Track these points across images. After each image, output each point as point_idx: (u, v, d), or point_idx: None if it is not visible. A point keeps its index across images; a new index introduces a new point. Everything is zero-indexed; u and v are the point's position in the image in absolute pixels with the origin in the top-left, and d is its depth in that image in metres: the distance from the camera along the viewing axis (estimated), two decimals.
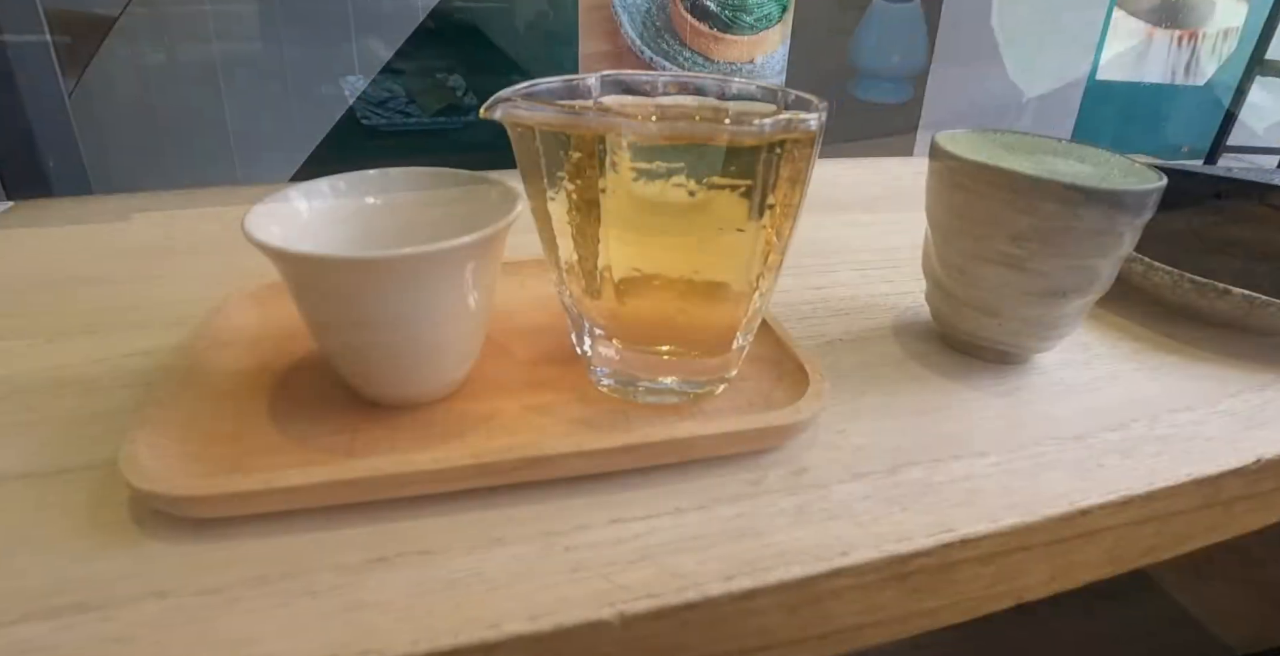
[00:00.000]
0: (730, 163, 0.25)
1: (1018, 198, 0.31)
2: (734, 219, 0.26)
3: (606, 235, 0.27)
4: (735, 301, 0.28)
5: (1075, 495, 0.29)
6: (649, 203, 0.26)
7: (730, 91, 0.32)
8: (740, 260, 0.27)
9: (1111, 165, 0.35)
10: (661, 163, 0.25)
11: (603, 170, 0.25)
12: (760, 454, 0.30)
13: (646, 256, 0.27)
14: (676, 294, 0.27)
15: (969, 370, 0.37)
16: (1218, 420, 0.35)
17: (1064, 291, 0.33)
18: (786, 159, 0.26)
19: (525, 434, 0.30)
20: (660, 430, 0.28)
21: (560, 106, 0.25)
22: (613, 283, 0.28)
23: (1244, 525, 0.35)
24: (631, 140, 0.25)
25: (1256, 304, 0.38)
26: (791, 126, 0.25)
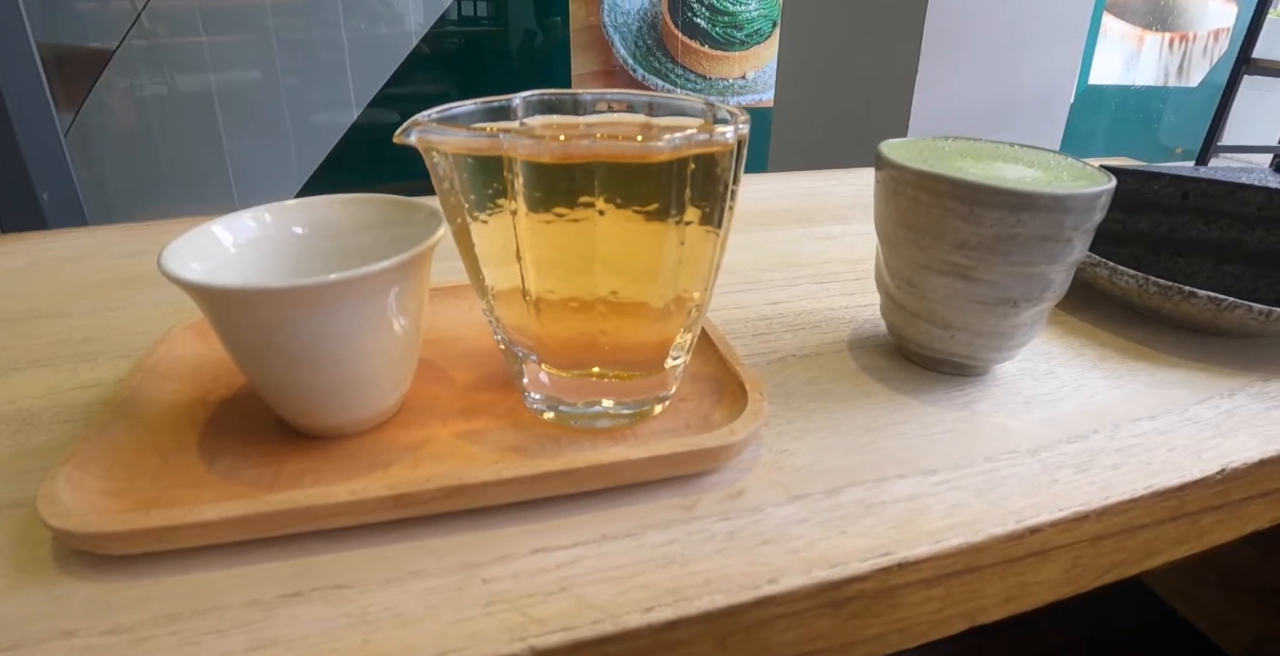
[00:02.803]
0: (637, 181, 0.24)
1: (960, 205, 0.31)
2: (645, 238, 0.25)
3: (522, 258, 0.26)
4: (660, 321, 0.27)
5: (1025, 513, 0.28)
6: (558, 224, 0.25)
7: (661, 107, 0.31)
8: (657, 279, 0.26)
9: (1061, 169, 0.34)
10: (565, 183, 0.24)
11: (511, 193, 0.25)
12: (697, 477, 0.29)
13: (562, 279, 0.26)
14: (596, 315, 0.27)
15: (925, 383, 0.35)
16: (1183, 429, 0.33)
17: (1014, 300, 0.32)
18: (701, 174, 0.25)
19: (453, 462, 0.29)
20: (586, 456, 0.27)
21: (467, 129, 0.25)
22: (533, 306, 0.27)
23: (1215, 537, 0.33)
24: (534, 161, 0.24)
25: (1223, 306, 0.37)
26: (702, 140, 0.25)
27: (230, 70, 1.52)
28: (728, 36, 1.96)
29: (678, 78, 1.99)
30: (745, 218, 0.58)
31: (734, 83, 2.01)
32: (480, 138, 0.25)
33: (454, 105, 0.29)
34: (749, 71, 2.04)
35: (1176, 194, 0.43)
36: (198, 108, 1.49)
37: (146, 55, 1.42)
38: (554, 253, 0.26)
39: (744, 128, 0.27)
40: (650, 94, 0.31)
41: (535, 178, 0.24)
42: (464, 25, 1.82)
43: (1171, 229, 0.43)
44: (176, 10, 1.43)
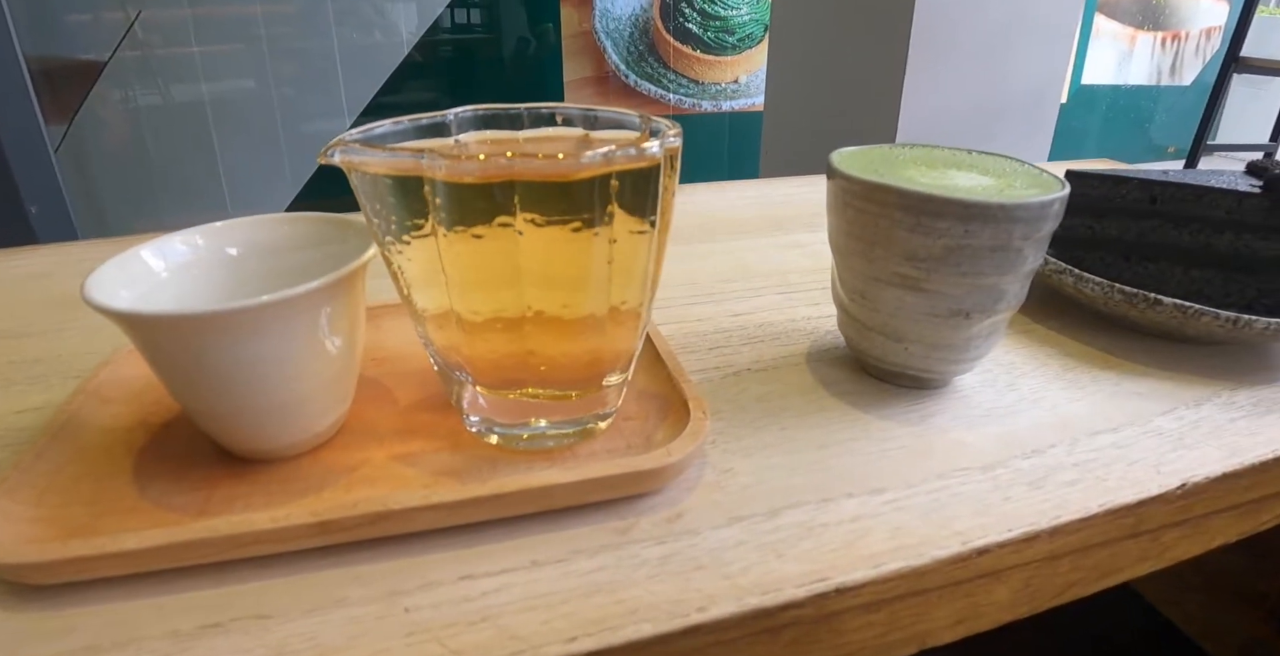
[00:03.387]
0: (557, 199, 0.24)
1: (907, 216, 0.30)
2: (569, 256, 0.25)
3: (447, 279, 0.25)
4: (592, 338, 0.27)
5: (972, 534, 0.27)
6: (479, 244, 0.24)
7: (600, 121, 0.30)
8: (584, 296, 0.26)
9: (1015, 176, 0.33)
10: (484, 203, 0.24)
11: (432, 214, 0.24)
12: (636, 498, 0.28)
13: (487, 299, 0.26)
14: (525, 335, 0.26)
15: (882, 397, 0.35)
16: (1145, 442, 0.32)
17: (967, 312, 0.31)
18: (627, 189, 0.25)
19: (385, 486, 0.28)
20: (516, 480, 0.26)
21: (386, 149, 0.24)
22: (461, 327, 0.26)
23: (1179, 553, 0.32)
24: (452, 182, 0.23)
25: (1189, 313, 0.36)
26: (623, 156, 0.24)
27: (223, 80, 1.52)
28: (720, 41, 1.96)
29: (670, 83, 1.98)
30: (714, 226, 0.57)
31: (726, 87, 2.01)
32: (400, 158, 0.24)
33: (385, 123, 0.28)
34: (741, 76, 2.03)
35: (1145, 198, 0.42)
36: (191, 118, 1.49)
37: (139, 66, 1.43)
38: (476, 273, 0.25)
39: (674, 141, 0.27)
40: (589, 108, 0.31)
41: (454, 198, 0.24)
42: (456, 33, 1.82)
43: (1141, 234, 0.43)
44: (168, 21, 1.44)
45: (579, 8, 1.87)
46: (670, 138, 0.27)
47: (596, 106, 0.31)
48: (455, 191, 0.24)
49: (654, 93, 1.99)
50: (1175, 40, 2.17)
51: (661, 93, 2.00)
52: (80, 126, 1.30)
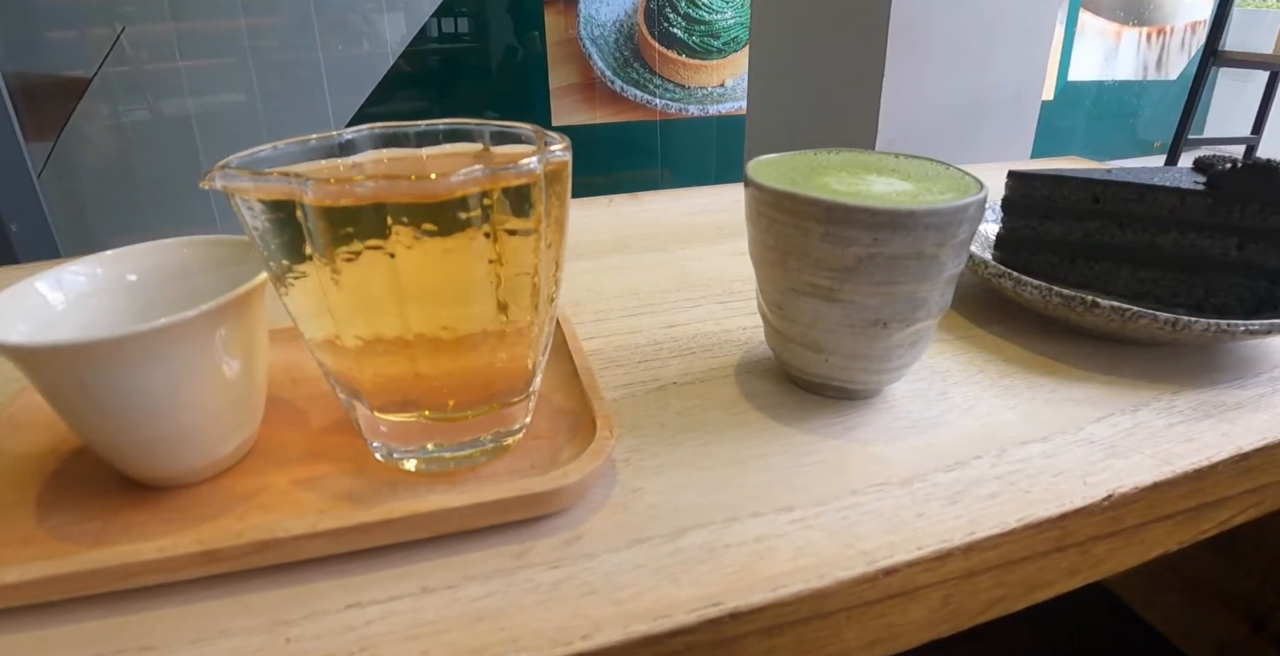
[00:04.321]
0: (429, 219, 0.23)
1: (816, 225, 0.29)
2: (447, 276, 0.24)
3: (329, 303, 0.25)
4: (480, 359, 0.26)
5: (879, 553, 0.26)
6: (355, 268, 0.24)
7: (500, 136, 0.30)
8: (465, 318, 0.25)
9: (935, 180, 0.32)
10: (356, 226, 0.23)
11: (308, 238, 0.24)
12: (538, 520, 0.28)
13: (368, 323, 0.25)
14: (409, 357, 0.25)
15: (807, 410, 0.34)
16: (1075, 451, 0.31)
17: (884, 321, 0.30)
18: (507, 205, 0.24)
19: (281, 512, 0.28)
20: (406, 505, 0.26)
21: (256, 174, 0.24)
22: (348, 351, 0.26)
23: (1114, 565, 0.31)
24: (322, 205, 0.23)
25: (1128, 316, 0.35)
26: (498, 173, 0.23)
27: (209, 95, 1.52)
28: (705, 45, 1.95)
29: (656, 88, 1.98)
30: (664, 235, 0.56)
31: (713, 91, 2.01)
32: (272, 183, 0.24)
33: (277, 145, 0.27)
34: (728, 79, 2.03)
35: (1087, 198, 0.41)
36: (177, 133, 1.50)
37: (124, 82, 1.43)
38: (356, 297, 0.24)
39: (560, 155, 0.26)
40: (491, 123, 0.30)
41: (326, 222, 0.23)
42: (441, 42, 1.82)
43: (1085, 235, 0.41)
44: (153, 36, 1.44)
45: (563, 15, 1.87)
46: (556, 152, 0.26)
47: (496, 121, 0.30)
48: (326, 215, 0.23)
49: (640, 98, 1.99)
50: (1160, 35, 2.16)
51: (648, 98, 1.99)
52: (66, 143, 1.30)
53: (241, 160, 0.26)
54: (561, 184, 0.27)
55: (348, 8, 1.65)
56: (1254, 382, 0.37)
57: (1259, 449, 0.32)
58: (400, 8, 1.71)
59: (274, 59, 1.56)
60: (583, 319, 0.42)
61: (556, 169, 0.26)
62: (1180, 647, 0.59)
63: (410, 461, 0.29)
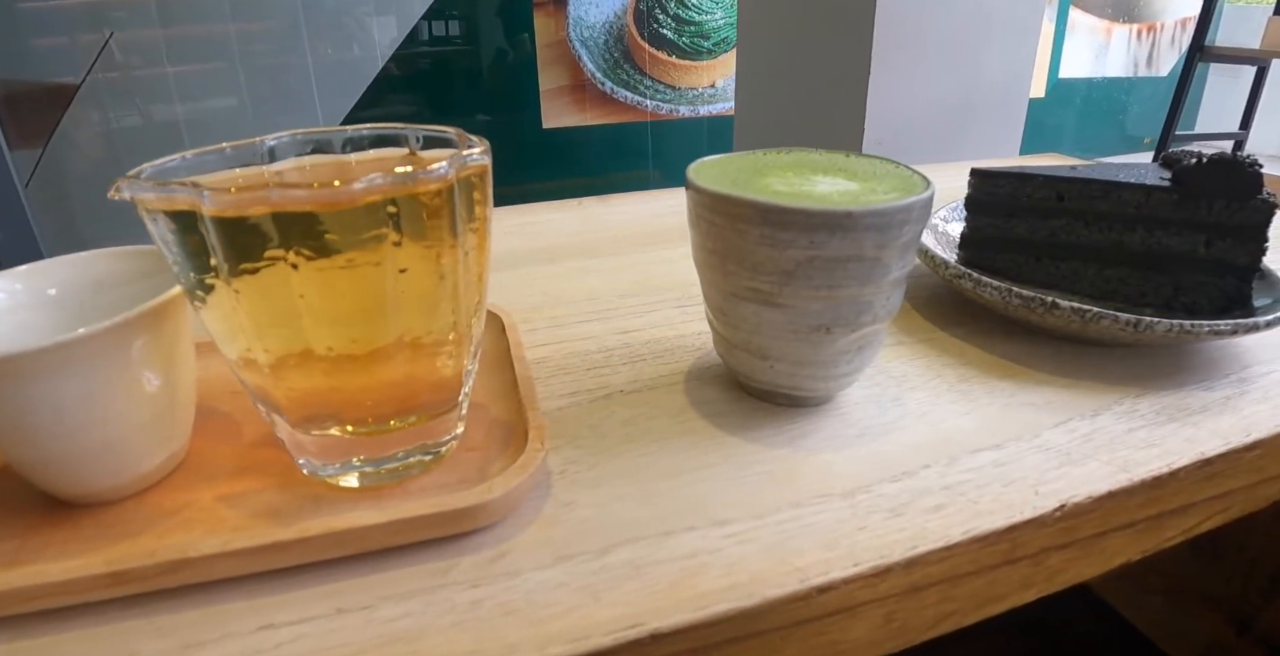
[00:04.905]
0: (330, 229, 0.22)
1: (752, 228, 0.28)
2: (351, 287, 0.23)
3: (238, 317, 0.24)
4: (395, 372, 0.25)
5: (813, 570, 0.25)
6: (259, 281, 0.23)
7: (426, 140, 0.29)
8: (373, 331, 0.24)
9: (883, 179, 0.31)
10: (254, 237, 0.22)
11: (211, 250, 0.23)
12: (465, 536, 0.27)
13: (279, 337, 0.24)
14: (322, 371, 0.24)
15: (755, 418, 0.33)
16: (1029, 458, 0.30)
17: (827, 326, 0.29)
18: (414, 215, 0.23)
19: (202, 529, 0.27)
20: (321, 523, 0.25)
21: (157, 184, 0.23)
22: (261, 366, 0.25)
23: (1071, 576, 0.30)
24: (220, 217, 0.22)
25: (1088, 317, 0.34)
26: (402, 180, 0.22)
27: (197, 100, 1.52)
28: (695, 46, 1.94)
29: (647, 89, 1.97)
30: (630, 238, 0.55)
31: (704, 92, 2.00)
32: (171, 192, 0.23)
33: (189, 154, 0.26)
34: (718, 80, 2.02)
35: (1052, 196, 0.40)
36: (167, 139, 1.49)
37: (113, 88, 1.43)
38: (262, 311, 0.23)
39: (478, 159, 0.25)
40: (421, 128, 0.29)
41: (225, 234, 0.22)
42: (431, 45, 1.81)
43: (1050, 233, 0.40)
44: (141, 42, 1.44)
45: (553, 17, 1.86)
46: (474, 156, 0.25)
47: (424, 126, 0.29)
48: (225, 227, 0.22)
49: (631, 99, 1.98)
50: (1150, 32, 2.15)
51: (638, 99, 1.99)
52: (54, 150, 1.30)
53: (153, 170, 0.25)
54: (481, 189, 0.26)
55: (337, 11, 1.65)
56: (1221, 384, 0.36)
57: (1222, 454, 0.31)
58: (389, 11, 1.71)
59: (263, 63, 1.56)
60: (536, 325, 0.41)
61: (475, 173, 0.25)
62: (1165, 650, 0.58)
63: (336, 476, 0.28)
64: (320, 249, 0.22)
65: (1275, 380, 0.36)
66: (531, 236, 0.56)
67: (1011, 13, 1.08)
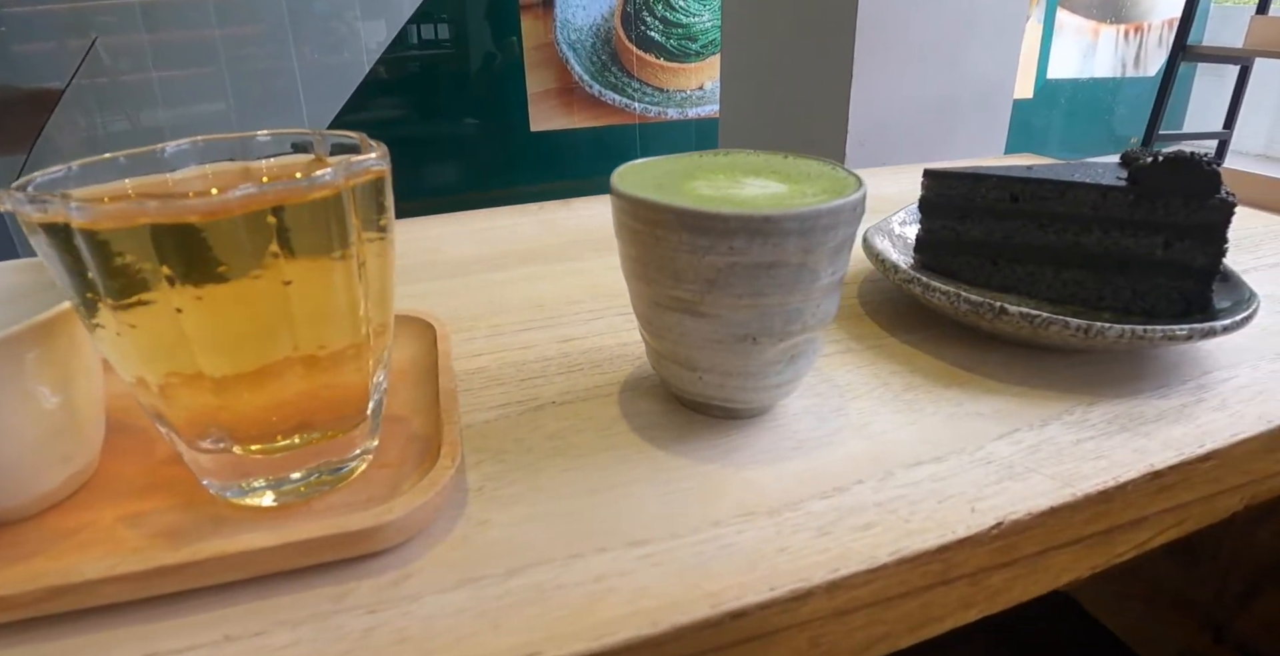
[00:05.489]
0: (205, 242, 0.21)
1: (669, 234, 0.27)
2: (229, 304, 0.22)
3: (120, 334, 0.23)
4: (286, 389, 0.24)
5: (727, 594, 0.24)
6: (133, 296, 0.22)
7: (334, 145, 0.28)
8: (260, 349, 0.23)
9: (816, 181, 0.30)
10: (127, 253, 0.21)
11: (86, 264, 0.22)
12: (369, 557, 0.25)
13: (158, 356, 0.23)
14: (208, 391, 0.23)
15: (688, 431, 0.32)
16: (969, 472, 0.29)
17: (753, 336, 0.28)
18: (299, 225, 0.22)
19: (99, 551, 0.26)
20: (211, 546, 0.24)
21: (32, 195, 0.22)
22: (149, 384, 0.24)
23: (1017, 594, 0.29)
24: (87, 227, 0.21)
25: (1037, 323, 0.32)
26: (287, 188, 0.21)
27: (183, 105, 1.52)
28: (682, 48, 1.93)
29: (635, 92, 1.96)
30: (588, 243, 0.54)
31: (692, 94, 1.99)
32: (44, 205, 0.22)
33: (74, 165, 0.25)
34: (706, 82, 2.01)
35: (1006, 197, 0.38)
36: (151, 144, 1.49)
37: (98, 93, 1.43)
38: (138, 329, 0.22)
39: (374, 164, 0.24)
40: (331, 133, 0.28)
41: (96, 247, 0.21)
42: (418, 49, 1.81)
43: (1006, 235, 0.39)
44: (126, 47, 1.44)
45: (540, 19, 1.85)
46: (368, 162, 0.24)
47: (333, 131, 0.28)
48: (95, 240, 0.21)
49: (619, 102, 1.97)
50: (1137, 32, 2.15)
51: (626, 102, 1.97)
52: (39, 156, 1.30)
53: (42, 180, 0.24)
54: (380, 197, 0.25)
55: (323, 16, 1.64)
56: (1178, 391, 0.34)
57: (1174, 466, 0.30)
58: (376, 15, 1.70)
59: (249, 68, 1.55)
60: (476, 334, 0.40)
61: (371, 180, 0.24)
62: (1140, 655, 0.56)
63: (238, 497, 0.27)
64: (198, 262, 0.21)
65: (1235, 386, 0.35)
66: (487, 241, 0.55)
67: (995, 13, 1.07)
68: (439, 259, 0.51)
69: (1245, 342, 0.38)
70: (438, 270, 0.49)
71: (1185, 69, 1.83)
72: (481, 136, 1.86)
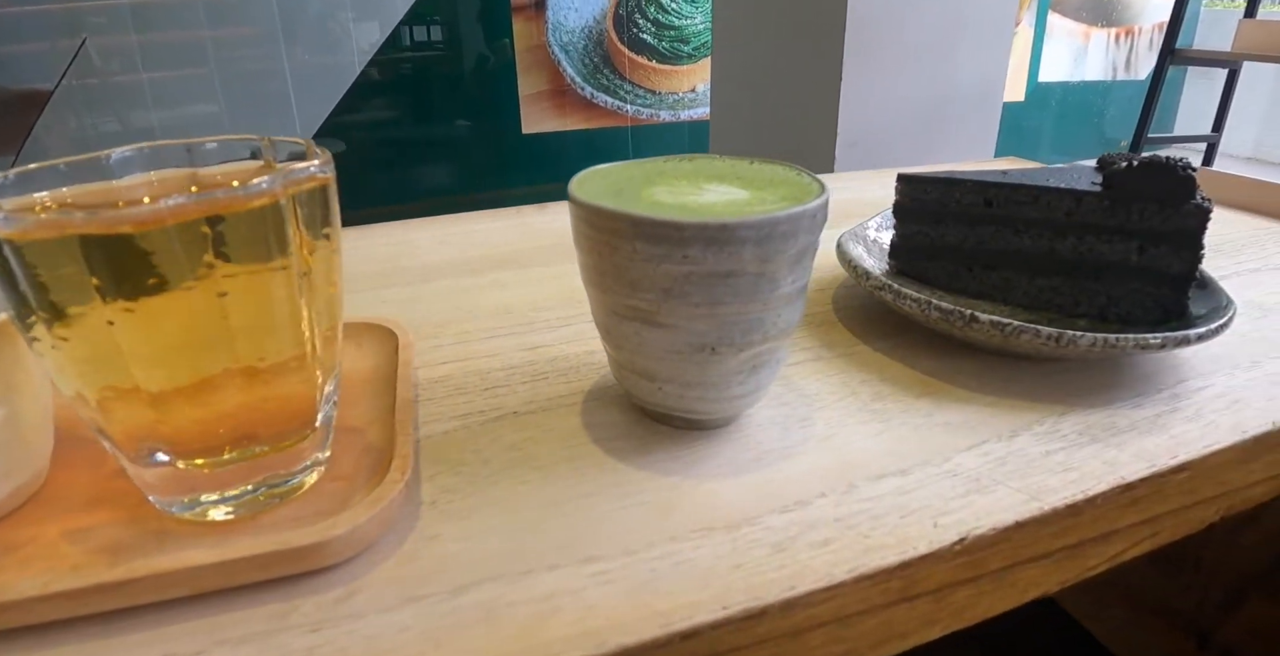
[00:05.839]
0: (138, 253, 0.20)
1: (624, 242, 0.26)
2: (167, 317, 0.22)
3: (53, 346, 0.22)
4: (228, 402, 0.23)
5: (677, 614, 0.23)
6: (66, 309, 0.21)
7: (281, 149, 0.27)
8: (198, 362, 0.22)
9: (778, 187, 0.29)
10: (56, 264, 0.20)
11: (18, 276, 0.21)
12: (316, 574, 0.25)
13: (94, 366, 0.22)
14: (145, 405, 0.23)
15: (651, 442, 0.31)
16: (934, 485, 0.28)
17: (712, 346, 0.28)
18: (235, 235, 0.21)
19: (39, 567, 0.25)
20: (149, 563, 0.23)
21: None
22: (86, 398, 0.23)
23: (982, 610, 0.28)
24: (12, 238, 0.20)
25: (1008, 331, 0.32)
26: (225, 197, 0.21)
27: (173, 107, 1.51)
28: (675, 51, 1.93)
29: (627, 94, 1.95)
30: (559, 249, 0.54)
31: (684, 96, 1.98)
32: None
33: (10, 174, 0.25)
34: (698, 85, 2.00)
35: (980, 201, 0.38)
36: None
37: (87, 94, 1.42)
38: (73, 340, 0.22)
39: (316, 171, 0.23)
40: (282, 139, 0.27)
41: (25, 259, 0.21)
42: (410, 50, 1.80)
43: (980, 241, 0.38)
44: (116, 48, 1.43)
45: (532, 21, 1.85)
46: (310, 169, 0.23)
47: (284, 137, 0.27)
48: (23, 251, 0.21)
49: (611, 104, 1.96)
50: (1128, 36, 2.16)
51: (619, 104, 1.97)
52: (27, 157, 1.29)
53: None
54: (325, 204, 0.24)
55: (315, 17, 1.64)
56: (1153, 401, 0.34)
57: (1145, 478, 0.29)
58: (368, 17, 1.70)
59: (241, 69, 1.55)
60: (442, 341, 0.39)
61: (314, 188, 0.24)
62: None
63: (184, 511, 0.26)
64: (129, 273, 0.21)
65: (1210, 395, 0.34)
66: (461, 246, 0.54)
67: (984, 15, 1.06)
68: (412, 264, 0.51)
69: (1222, 350, 0.37)
70: (409, 275, 0.49)
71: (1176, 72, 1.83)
72: (473, 138, 1.85)
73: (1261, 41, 1.75)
